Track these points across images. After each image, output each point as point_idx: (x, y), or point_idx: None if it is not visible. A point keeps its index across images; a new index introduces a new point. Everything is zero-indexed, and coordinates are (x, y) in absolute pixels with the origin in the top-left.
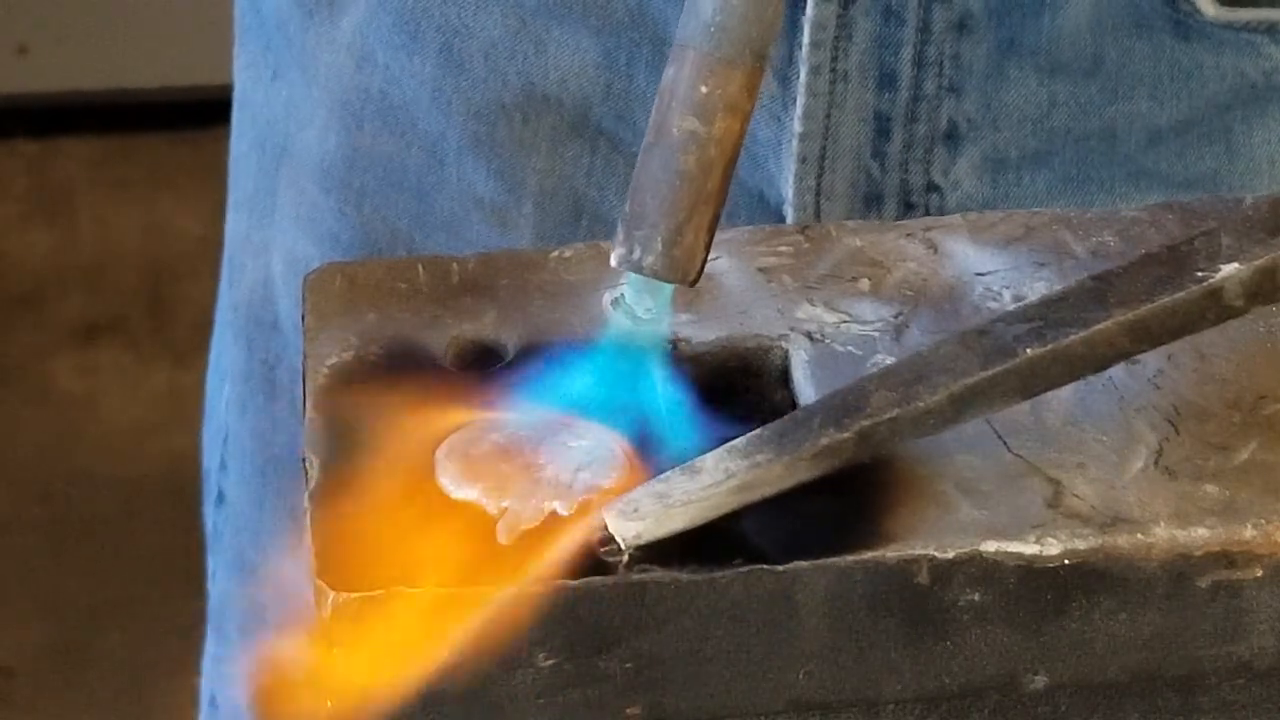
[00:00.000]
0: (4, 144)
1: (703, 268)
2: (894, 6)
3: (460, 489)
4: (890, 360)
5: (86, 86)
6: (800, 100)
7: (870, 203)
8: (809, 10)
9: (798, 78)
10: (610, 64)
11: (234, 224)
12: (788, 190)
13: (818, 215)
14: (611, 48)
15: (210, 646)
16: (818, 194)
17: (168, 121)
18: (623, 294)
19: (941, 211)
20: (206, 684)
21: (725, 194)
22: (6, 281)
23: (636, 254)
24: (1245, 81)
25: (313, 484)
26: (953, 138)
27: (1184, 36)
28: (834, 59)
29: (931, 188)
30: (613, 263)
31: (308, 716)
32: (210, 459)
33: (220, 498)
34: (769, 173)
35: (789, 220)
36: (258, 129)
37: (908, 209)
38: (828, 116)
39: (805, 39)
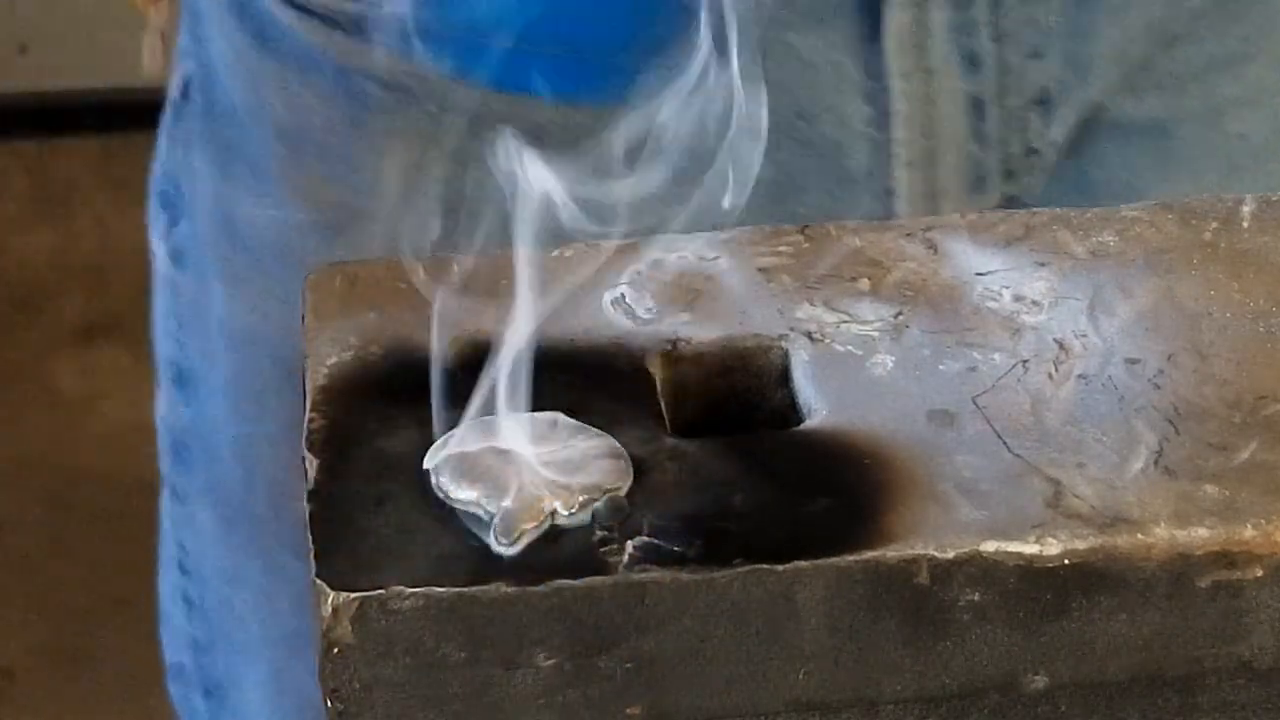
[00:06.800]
0: (4, 144)
1: None
2: None
3: (460, 489)
4: (890, 360)
5: (86, 86)
6: (900, 107)
7: (975, 185)
8: (888, 24)
9: (885, 92)
10: None
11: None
12: (900, 205)
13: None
14: None
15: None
16: (932, 197)
17: None
18: (623, 294)
19: (1040, 173)
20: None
21: None
22: (6, 281)
23: None
24: None
25: (312, 484)
26: (1044, 102)
27: None
28: (919, 58)
29: (1030, 152)
30: None
31: None
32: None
33: (175, 497)
34: (881, 200)
35: None
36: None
37: (1008, 176)
38: (926, 115)
39: (889, 47)
